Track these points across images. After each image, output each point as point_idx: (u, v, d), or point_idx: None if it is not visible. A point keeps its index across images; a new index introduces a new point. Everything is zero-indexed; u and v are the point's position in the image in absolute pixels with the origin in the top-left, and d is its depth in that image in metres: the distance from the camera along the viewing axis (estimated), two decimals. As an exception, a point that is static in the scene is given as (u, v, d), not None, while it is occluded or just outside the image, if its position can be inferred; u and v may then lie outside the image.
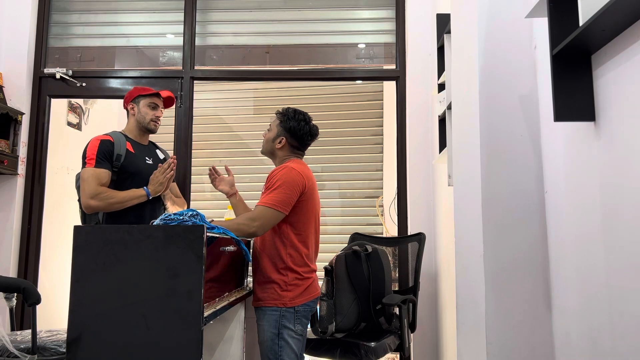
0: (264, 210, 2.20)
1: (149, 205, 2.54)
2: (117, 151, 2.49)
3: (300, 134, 2.40)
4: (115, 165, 2.48)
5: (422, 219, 3.34)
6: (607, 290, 1.44)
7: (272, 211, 2.20)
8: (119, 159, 2.48)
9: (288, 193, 2.22)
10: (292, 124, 2.40)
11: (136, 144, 2.61)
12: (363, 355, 2.48)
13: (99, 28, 3.71)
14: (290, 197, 2.23)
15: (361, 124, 5.18)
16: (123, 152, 2.50)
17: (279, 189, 2.22)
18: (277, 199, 2.21)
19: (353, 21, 3.68)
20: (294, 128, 2.39)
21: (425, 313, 3.22)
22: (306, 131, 2.41)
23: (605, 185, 1.45)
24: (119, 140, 2.52)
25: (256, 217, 2.19)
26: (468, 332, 2.06)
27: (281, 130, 2.41)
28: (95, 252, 1.71)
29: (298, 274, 2.25)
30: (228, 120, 5.43)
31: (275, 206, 2.20)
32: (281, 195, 2.21)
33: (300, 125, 2.40)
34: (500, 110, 1.92)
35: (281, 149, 2.41)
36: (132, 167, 2.52)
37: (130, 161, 2.52)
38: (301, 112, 2.45)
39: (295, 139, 2.41)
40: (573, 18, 1.48)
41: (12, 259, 3.35)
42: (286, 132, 2.40)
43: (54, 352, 1.92)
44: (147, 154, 2.63)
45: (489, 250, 1.87)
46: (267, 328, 2.21)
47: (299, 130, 2.39)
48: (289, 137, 2.40)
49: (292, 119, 2.40)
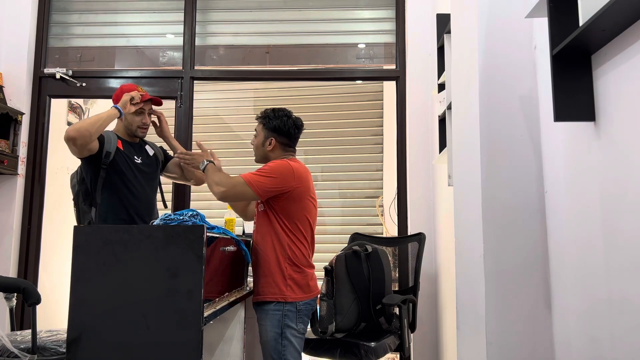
0: (239, 181, 2.23)
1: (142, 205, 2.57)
2: (107, 148, 2.50)
3: (286, 129, 2.40)
4: (105, 162, 2.49)
5: (422, 219, 3.34)
6: (607, 290, 1.44)
7: (244, 187, 2.22)
8: (108, 156, 2.49)
9: (271, 180, 2.24)
10: (275, 123, 2.39)
11: (126, 142, 2.63)
12: (363, 355, 2.48)
13: (99, 28, 3.71)
14: (273, 185, 2.24)
15: (361, 124, 5.18)
16: (113, 150, 2.51)
17: (264, 174, 2.25)
18: (257, 179, 2.23)
19: (353, 21, 3.68)
20: (278, 126, 2.39)
21: (425, 313, 3.22)
22: (290, 125, 2.40)
23: (605, 185, 1.45)
24: (109, 138, 2.54)
25: (227, 184, 2.24)
26: (468, 332, 2.06)
27: (267, 132, 2.41)
28: (95, 252, 1.71)
29: (297, 267, 2.27)
30: (228, 120, 5.43)
31: (251, 184, 2.22)
32: (263, 179, 2.23)
33: (283, 121, 2.39)
34: (500, 110, 1.92)
35: (272, 150, 2.41)
36: (121, 166, 2.53)
37: (119, 159, 2.53)
38: (280, 108, 2.45)
39: (284, 136, 2.40)
40: (573, 18, 1.48)
41: (12, 259, 3.35)
42: (273, 132, 2.40)
43: (54, 352, 1.91)
44: (137, 153, 2.64)
45: (489, 250, 1.87)
46: (270, 328, 2.21)
47: (284, 126, 2.39)
48: (277, 136, 2.40)
49: (274, 118, 2.40)
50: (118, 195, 2.50)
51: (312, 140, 5.04)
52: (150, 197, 2.64)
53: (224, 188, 2.25)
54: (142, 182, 2.59)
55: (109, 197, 2.50)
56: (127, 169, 2.54)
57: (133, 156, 2.60)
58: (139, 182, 2.57)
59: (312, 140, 5.04)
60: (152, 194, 2.66)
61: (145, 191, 2.59)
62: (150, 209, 2.62)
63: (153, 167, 2.68)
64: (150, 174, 2.65)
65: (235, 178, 2.27)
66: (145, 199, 2.60)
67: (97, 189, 2.49)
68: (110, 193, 2.50)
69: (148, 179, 2.63)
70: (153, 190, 2.68)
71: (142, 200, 2.57)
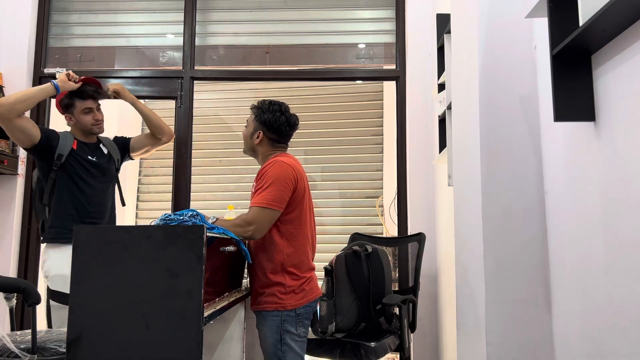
0: (259, 211, 2.10)
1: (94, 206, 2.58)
2: (60, 151, 2.52)
3: (277, 125, 2.28)
4: (55, 164, 2.51)
5: (422, 219, 3.34)
6: (606, 290, 1.44)
7: (267, 211, 2.10)
8: (60, 158, 2.52)
9: (281, 189, 2.13)
10: (266, 117, 2.28)
11: (81, 143, 2.63)
12: (363, 355, 2.48)
13: (99, 28, 3.71)
14: (284, 193, 2.14)
15: (361, 124, 5.18)
16: (66, 153, 2.53)
17: (271, 186, 2.13)
18: (270, 197, 2.11)
19: (353, 21, 3.68)
20: (269, 120, 2.28)
21: (425, 313, 3.22)
22: (283, 121, 2.28)
23: (605, 185, 1.45)
24: (65, 139, 2.56)
25: (252, 220, 2.09)
26: (468, 332, 2.06)
27: (257, 124, 2.30)
28: (95, 252, 1.71)
29: (296, 275, 2.17)
30: (228, 120, 5.43)
31: (270, 205, 2.10)
32: (274, 192, 2.12)
33: (275, 117, 2.27)
34: (500, 110, 1.92)
35: (260, 144, 2.31)
36: (74, 167, 2.55)
37: (72, 160, 2.54)
38: (277, 102, 2.33)
39: (273, 131, 2.29)
40: (573, 18, 1.48)
41: (12, 259, 3.35)
42: (262, 126, 2.29)
43: (54, 352, 1.91)
44: (91, 153, 2.65)
45: (489, 250, 1.87)
46: (269, 334, 2.15)
47: (275, 121, 2.27)
48: (266, 130, 2.29)
49: (267, 111, 2.29)
50: (69, 195, 2.53)
51: (312, 140, 5.04)
52: (103, 198, 2.65)
53: (255, 224, 2.09)
54: (95, 182, 2.61)
55: (60, 197, 2.53)
56: (80, 169, 2.56)
57: (87, 156, 2.62)
58: (92, 182, 2.59)
59: (312, 140, 5.04)
60: (106, 194, 2.68)
61: (98, 191, 2.62)
62: (102, 210, 2.63)
63: (108, 166, 2.69)
64: (105, 174, 2.67)
65: (252, 211, 2.12)
66: (98, 199, 2.62)
67: (47, 189, 2.53)
68: (61, 193, 2.54)
69: (102, 179, 2.65)
70: (108, 190, 2.70)
71: (94, 201, 2.59)
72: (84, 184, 2.55)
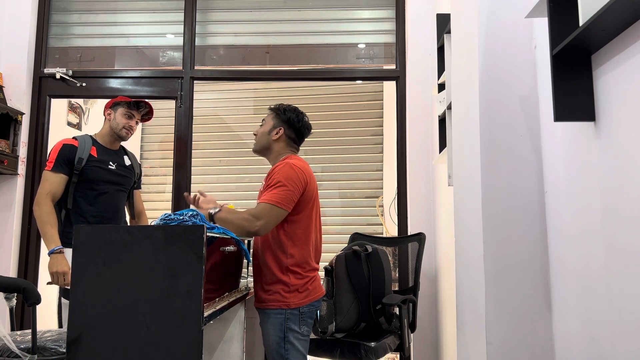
0: (268, 207, 2.11)
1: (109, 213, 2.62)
2: (80, 155, 2.57)
3: (298, 125, 2.35)
4: (77, 168, 2.56)
5: (422, 219, 3.34)
6: (606, 290, 1.44)
7: (275, 209, 2.11)
8: (80, 162, 2.57)
9: (291, 190, 2.15)
10: (289, 115, 2.35)
11: (103, 148, 2.68)
12: (363, 355, 2.48)
13: (99, 28, 3.71)
14: (293, 194, 2.16)
15: (361, 124, 5.18)
16: (85, 157, 2.58)
17: (282, 186, 2.15)
18: (280, 196, 2.13)
19: (353, 21, 3.68)
20: (291, 119, 2.35)
21: (425, 313, 3.22)
22: (304, 123, 2.38)
23: (605, 185, 1.45)
24: (84, 145, 2.61)
25: (260, 215, 2.10)
26: (468, 332, 2.06)
27: (278, 121, 2.36)
28: (95, 252, 1.71)
29: (300, 274, 2.18)
30: (228, 120, 5.43)
31: (278, 203, 2.12)
32: (284, 192, 2.14)
33: (299, 118, 2.36)
34: (500, 110, 1.92)
35: (278, 140, 2.34)
36: (91, 173, 2.59)
37: (90, 166, 2.59)
38: (296, 107, 2.42)
39: (294, 131, 2.36)
40: (573, 18, 1.48)
41: (12, 259, 3.35)
42: (284, 123, 2.35)
43: (54, 352, 1.91)
44: (113, 159, 2.69)
45: (489, 250, 1.87)
46: (273, 332, 2.16)
47: (297, 122, 2.35)
48: (287, 127, 2.34)
49: (289, 111, 2.37)
50: (85, 200, 2.58)
51: (312, 140, 5.02)
52: (118, 205, 2.69)
53: (263, 220, 2.10)
54: (112, 189, 2.65)
55: (77, 201, 2.57)
56: (98, 176, 2.60)
57: (108, 162, 2.66)
58: (109, 189, 2.63)
59: (312, 140, 5.02)
60: (121, 202, 2.72)
61: (114, 199, 2.65)
62: (117, 217, 2.68)
63: (127, 176, 2.73)
64: (123, 183, 2.71)
65: (261, 207, 2.13)
66: (114, 206, 2.66)
67: (70, 192, 2.57)
68: (77, 198, 2.58)
69: (120, 188, 2.69)
70: (123, 199, 2.74)
71: (109, 208, 2.63)
72: (102, 191, 2.61)
